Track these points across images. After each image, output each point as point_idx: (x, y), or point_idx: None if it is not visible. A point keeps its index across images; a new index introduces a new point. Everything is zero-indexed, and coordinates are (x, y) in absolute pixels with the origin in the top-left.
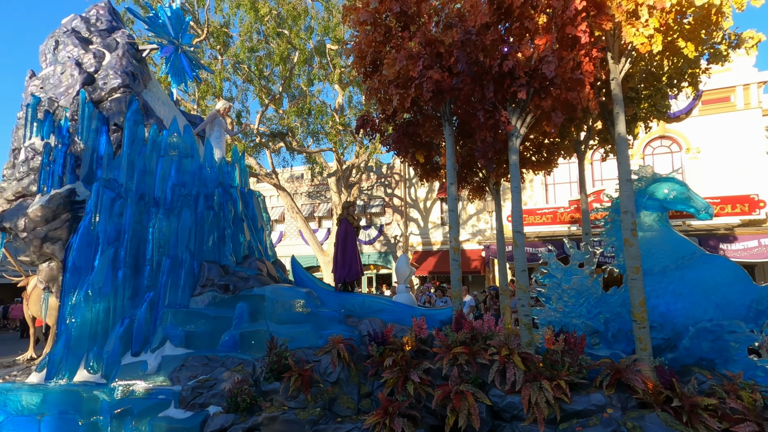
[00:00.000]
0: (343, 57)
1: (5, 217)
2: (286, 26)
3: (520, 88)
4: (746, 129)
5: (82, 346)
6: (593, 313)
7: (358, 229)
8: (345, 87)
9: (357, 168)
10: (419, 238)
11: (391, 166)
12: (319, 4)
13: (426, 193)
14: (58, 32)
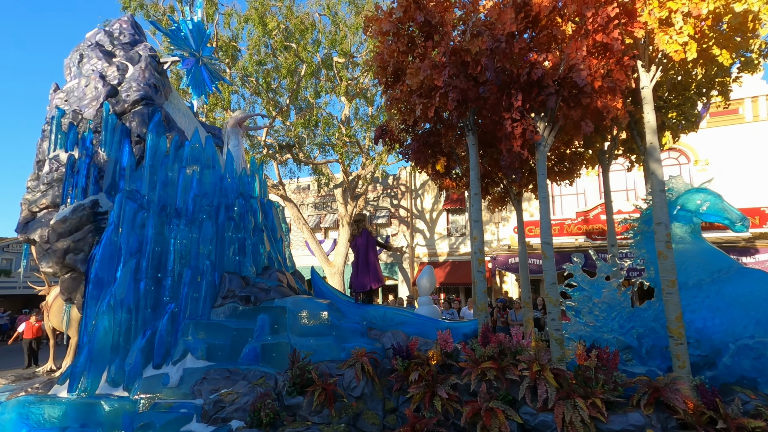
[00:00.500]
0: (349, 69)
1: (30, 228)
2: (293, 40)
3: (549, 97)
4: (755, 141)
5: (104, 358)
6: (626, 327)
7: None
8: (351, 99)
9: (363, 179)
10: (425, 249)
11: (397, 177)
12: (326, 18)
13: (432, 204)
14: (83, 46)
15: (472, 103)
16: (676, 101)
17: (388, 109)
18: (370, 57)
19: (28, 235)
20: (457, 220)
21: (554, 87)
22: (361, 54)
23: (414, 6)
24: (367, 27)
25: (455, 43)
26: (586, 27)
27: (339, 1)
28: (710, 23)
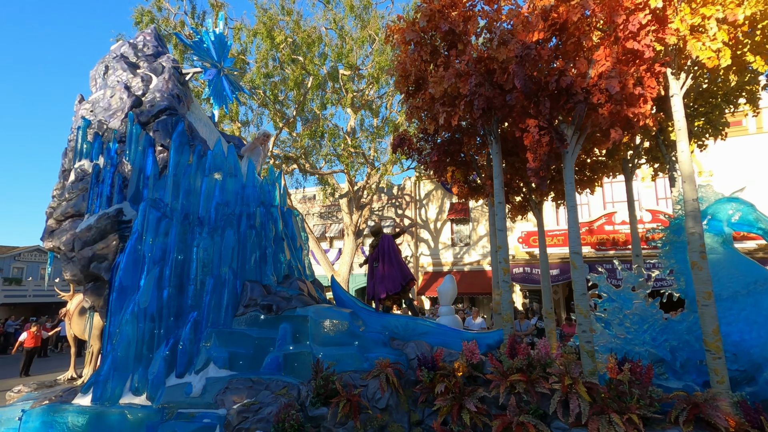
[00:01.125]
0: (355, 81)
1: (55, 236)
2: (300, 53)
3: (577, 105)
4: (759, 153)
5: (127, 366)
6: (659, 340)
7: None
8: (357, 111)
9: (368, 189)
10: (429, 259)
11: (402, 187)
12: (332, 32)
13: (436, 214)
14: (108, 58)
15: (497, 111)
16: (703, 109)
17: (408, 117)
18: (376, 69)
19: (53, 243)
20: (461, 230)
21: (583, 94)
22: (367, 67)
23: (438, 15)
24: (388, 36)
25: (480, 52)
26: (616, 34)
27: (345, 16)
28: (746, 29)
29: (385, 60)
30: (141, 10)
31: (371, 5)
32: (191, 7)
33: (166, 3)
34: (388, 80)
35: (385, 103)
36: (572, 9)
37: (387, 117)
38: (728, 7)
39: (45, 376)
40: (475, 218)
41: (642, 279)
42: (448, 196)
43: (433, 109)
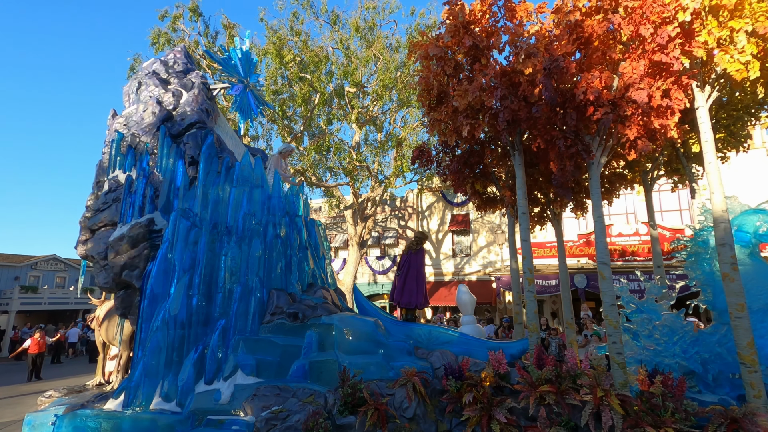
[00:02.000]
0: (360, 98)
1: (88, 245)
2: (308, 71)
3: (604, 116)
4: (756, 168)
5: (158, 373)
6: (690, 352)
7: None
8: (362, 126)
9: (372, 201)
10: (431, 269)
11: (405, 199)
12: (339, 52)
13: (438, 225)
14: (141, 74)
15: (522, 123)
16: (725, 121)
17: (430, 130)
18: (380, 86)
19: (86, 252)
20: (461, 241)
21: (609, 106)
22: (371, 84)
23: (463, 31)
24: (411, 52)
25: (504, 66)
26: (643, 47)
27: (351, 36)
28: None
29: (389, 78)
30: (158, 31)
31: (376, 26)
32: (204, 28)
33: (181, 24)
34: (391, 97)
35: (388, 119)
36: (598, 23)
37: (390, 132)
38: (758, 20)
39: (58, 382)
40: (475, 230)
41: (665, 290)
42: (449, 208)
43: (456, 121)
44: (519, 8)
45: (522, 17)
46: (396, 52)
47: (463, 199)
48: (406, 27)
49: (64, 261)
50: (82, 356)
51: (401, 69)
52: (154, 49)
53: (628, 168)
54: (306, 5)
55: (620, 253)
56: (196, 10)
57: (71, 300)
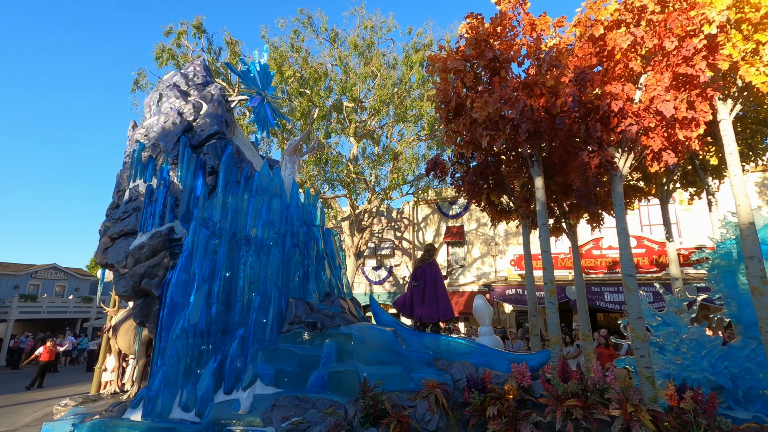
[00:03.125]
0: (358, 113)
1: (109, 254)
2: (307, 86)
3: (629, 128)
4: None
5: (177, 382)
6: (719, 367)
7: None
8: (359, 140)
9: (369, 213)
10: None
11: (401, 211)
12: (338, 68)
13: (433, 237)
14: (161, 86)
15: (545, 134)
16: (742, 134)
17: (447, 142)
18: (378, 102)
19: (106, 260)
20: (456, 252)
21: (634, 118)
22: (369, 99)
23: (484, 44)
24: (429, 65)
25: (525, 78)
26: (667, 60)
27: (350, 53)
28: None
29: (386, 94)
30: (162, 46)
31: (374, 44)
32: (208, 44)
33: (185, 41)
34: (388, 112)
35: (385, 133)
36: (620, 36)
37: (387, 146)
38: None
39: (56, 391)
40: (470, 241)
41: (686, 303)
42: (445, 219)
43: (474, 133)
44: (539, 21)
45: (542, 31)
46: (393, 69)
47: (458, 211)
48: (403, 45)
49: (64, 270)
50: (79, 365)
51: (398, 85)
52: (158, 64)
53: (644, 180)
54: (306, 23)
55: (610, 265)
56: (200, 27)
57: (70, 309)
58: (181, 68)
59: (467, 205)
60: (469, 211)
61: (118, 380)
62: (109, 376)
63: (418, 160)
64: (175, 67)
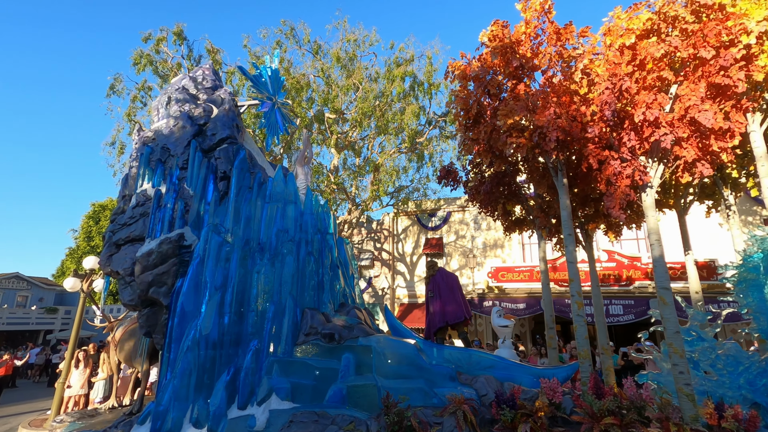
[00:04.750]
0: (339, 124)
1: (114, 260)
2: (289, 97)
3: (663, 137)
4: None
5: (188, 397)
6: (757, 385)
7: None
8: (340, 151)
9: (349, 224)
10: (405, 291)
11: (381, 222)
12: (320, 80)
13: (412, 248)
14: (170, 90)
15: (575, 142)
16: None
17: (466, 150)
18: (359, 114)
19: (111, 267)
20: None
21: (668, 127)
22: (351, 111)
23: (510, 52)
24: (448, 73)
25: (552, 85)
26: (703, 69)
27: (332, 66)
28: None
29: (367, 106)
30: (140, 52)
31: (356, 57)
32: (188, 51)
33: (164, 47)
34: (369, 124)
35: (366, 145)
36: (652, 45)
37: (368, 157)
38: None
39: (16, 407)
40: (448, 253)
41: (709, 317)
42: (424, 231)
43: (496, 141)
44: (564, 31)
45: (567, 40)
46: (375, 82)
47: (437, 223)
48: (385, 59)
49: (27, 279)
50: (43, 379)
51: (380, 98)
52: (136, 70)
53: (663, 193)
54: (289, 35)
55: (582, 278)
56: (180, 35)
57: (32, 320)
58: (159, 74)
59: (447, 216)
60: (448, 223)
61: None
62: (74, 392)
63: (398, 172)
64: (153, 73)
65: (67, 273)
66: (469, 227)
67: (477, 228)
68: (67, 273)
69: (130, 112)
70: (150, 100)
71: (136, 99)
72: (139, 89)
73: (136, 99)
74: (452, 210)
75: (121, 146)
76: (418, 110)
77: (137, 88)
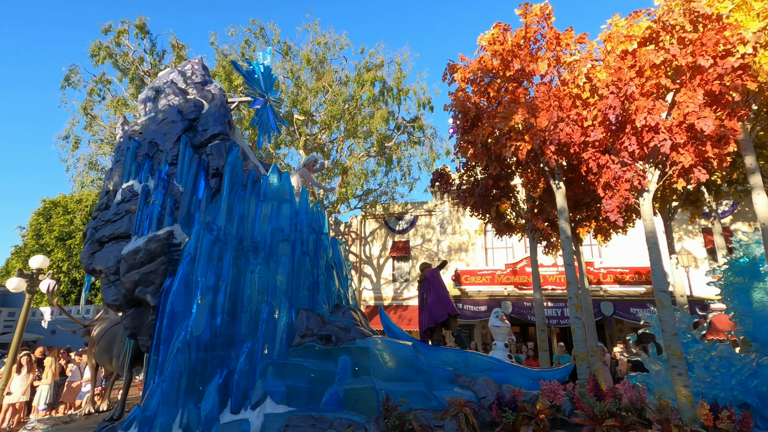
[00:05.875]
0: (308, 126)
1: (97, 258)
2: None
3: (663, 142)
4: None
5: (177, 401)
6: (748, 386)
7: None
8: (309, 152)
9: None
10: (372, 293)
11: (348, 224)
12: (289, 81)
13: (379, 251)
14: (158, 83)
15: (576, 146)
16: None
17: (463, 153)
18: (328, 116)
19: (93, 265)
20: (401, 267)
21: (668, 133)
22: (320, 114)
23: (512, 55)
24: (445, 74)
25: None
26: (702, 77)
27: (302, 68)
28: None
29: (336, 109)
30: (99, 44)
31: (326, 60)
32: (151, 45)
33: (125, 40)
34: (339, 127)
35: (335, 147)
36: (652, 52)
37: (337, 160)
38: None
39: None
40: (414, 256)
41: (697, 319)
42: (391, 234)
43: (495, 143)
44: (564, 36)
45: (567, 45)
46: (345, 85)
47: (404, 227)
48: (355, 63)
49: None
50: None
51: (349, 102)
52: (94, 62)
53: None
54: (258, 34)
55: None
56: (143, 28)
57: None
58: (120, 68)
59: (414, 220)
60: (415, 226)
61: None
62: (15, 399)
63: (367, 176)
64: (113, 66)
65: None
66: (435, 231)
67: (443, 232)
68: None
69: (87, 106)
70: (109, 94)
71: (94, 92)
72: (97, 82)
73: (94, 92)
74: (419, 214)
75: (75, 140)
76: (387, 115)
77: (95, 80)
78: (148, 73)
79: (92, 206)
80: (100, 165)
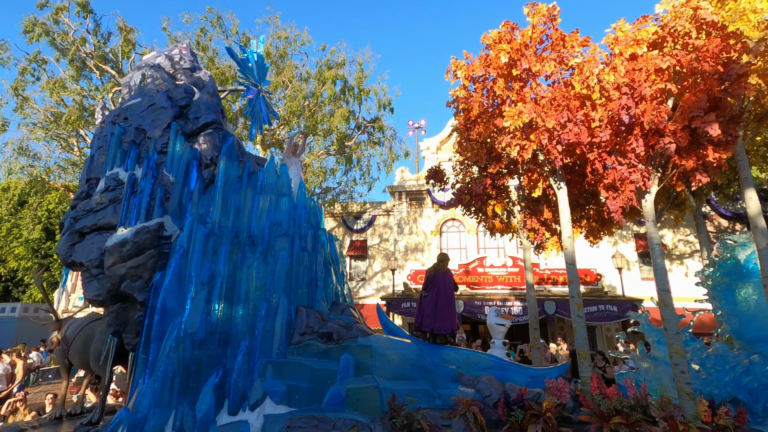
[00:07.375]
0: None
1: (77, 251)
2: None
3: (668, 145)
4: None
5: (170, 402)
6: (742, 382)
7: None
8: (266, 148)
9: None
10: None
11: None
12: None
13: (338, 250)
14: (143, 66)
15: (583, 146)
16: None
17: (463, 151)
18: (288, 112)
19: (73, 258)
20: (358, 266)
21: (672, 136)
22: (279, 109)
23: (519, 55)
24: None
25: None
26: (706, 83)
27: None
28: None
29: (296, 105)
30: (34, 19)
31: (287, 55)
32: (95, 26)
33: (65, 18)
34: (299, 124)
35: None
36: (658, 57)
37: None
38: None
39: None
40: (371, 255)
41: (684, 318)
42: (349, 233)
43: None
44: (569, 38)
45: (572, 46)
46: (305, 82)
47: (362, 226)
48: (316, 60)
49: None
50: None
51: (309, 99)
52: (27, 38)
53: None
54: (215, 23)
55: (492, 281)
56: (85, 6)
57: None
58: (57, 47)
59: (372, 219)
60: (373, 226)
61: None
62: None
63: (326, 174)
64: (50, 45)
65: None
66: (393, 231)
67: (400, 232)
68: None
69: (18, 86)
70: (44, 74)
71: (26, 71)
72: (31, 60)
73: (26, 71)
74: (377, 213)
75: (2, 123)
76: (347, 114)
77: (28, 59)
78: (90, 55)
79: (21, 196)
80: (32, 151)
